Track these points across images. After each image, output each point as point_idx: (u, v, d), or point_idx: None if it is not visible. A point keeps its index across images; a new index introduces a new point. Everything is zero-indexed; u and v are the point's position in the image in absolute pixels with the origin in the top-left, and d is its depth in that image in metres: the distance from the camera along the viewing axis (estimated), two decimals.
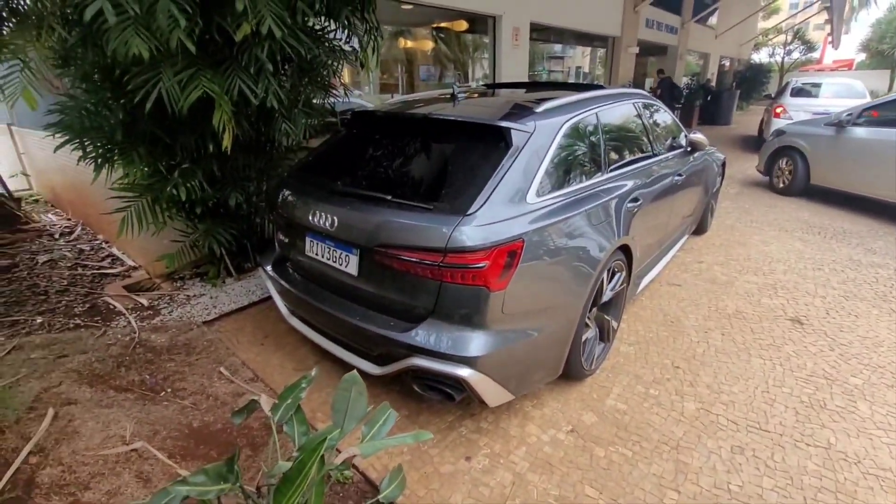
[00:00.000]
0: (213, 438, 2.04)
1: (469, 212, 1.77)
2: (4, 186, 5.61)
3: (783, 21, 22.37)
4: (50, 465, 1.78)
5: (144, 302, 3.31)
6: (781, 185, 6.31)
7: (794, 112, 8.48)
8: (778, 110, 8.96)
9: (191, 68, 2.11)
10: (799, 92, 9.55)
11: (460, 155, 2.02)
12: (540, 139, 2.05)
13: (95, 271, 3.99)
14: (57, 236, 4.99)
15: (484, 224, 1.76)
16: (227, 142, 2.31)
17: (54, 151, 2.54)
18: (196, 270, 3.69)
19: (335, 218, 2.02)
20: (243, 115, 2.55)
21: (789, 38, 21.65)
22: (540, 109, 2.18)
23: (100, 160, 2.52)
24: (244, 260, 3.65)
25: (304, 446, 1.31)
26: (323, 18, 2.90)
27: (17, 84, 2.35)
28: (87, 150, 2.49)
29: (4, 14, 2.55)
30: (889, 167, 4.99)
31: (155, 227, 2.88)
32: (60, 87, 2.77)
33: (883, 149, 5.07)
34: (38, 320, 3.12)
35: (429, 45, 9.69)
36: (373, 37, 3.15)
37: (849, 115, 5.55)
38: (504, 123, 1.99)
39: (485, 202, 1.80)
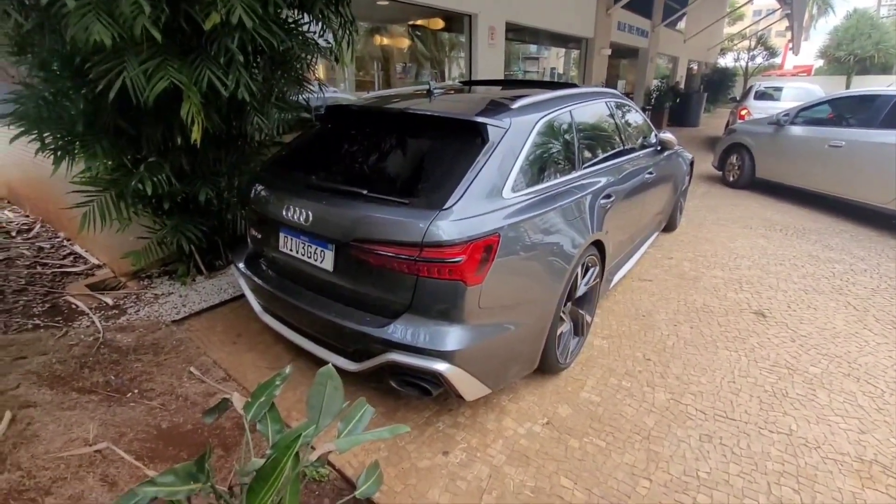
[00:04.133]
0: (183, 440, 1.98)
1: (445, 206, 1.77)
2: None
3: (747, 27, 23.22)
4: (8, 471, 1.69)
5: (109, 301, 3.19)
6: (732, 179, 6.84)
7: (758, 114, 8.82)
8: (742, 112, 9.31)
9: (157, 57, 2.04)
10: (762, 95, 9.96)
11: (437, 150, 2.02)
12: (515, 135, 2.07)
13: (56, 270, 3.82)
14: (14, 234, 4.74)
15: (460, 219, 1.76)
16: (196, 135, 2.24)
17: (10, 143, 2.41)
18: (164, 268, 3.58)
19: (310, 213, 1.99)
20: (213, 107, 2.48)
21: (753, 43, 22.49)
22: (515, 106, 2.20)
23: (59, 153, 2.40)
24: (215, 257, 3.55)
25: (278, 443, 1.29)
26: (296, 11, 2.84)
27: None
28: (46, 141, 2.37)
29: None
30: (818, 161, 5.50)
31: (119, 223, 2.77)
32: (16, 75, 2.63)
33: (813, 145, 5.60)
34: None
35: (405, 42, 9.64)
36: (348, 31, 3.11)
37: (786, 115, 6.11)
38: (480, 119, 1.99)
39: (461, 197, 1.80)
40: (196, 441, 1.98)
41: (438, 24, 9.01)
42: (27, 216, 5.40)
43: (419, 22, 9.01)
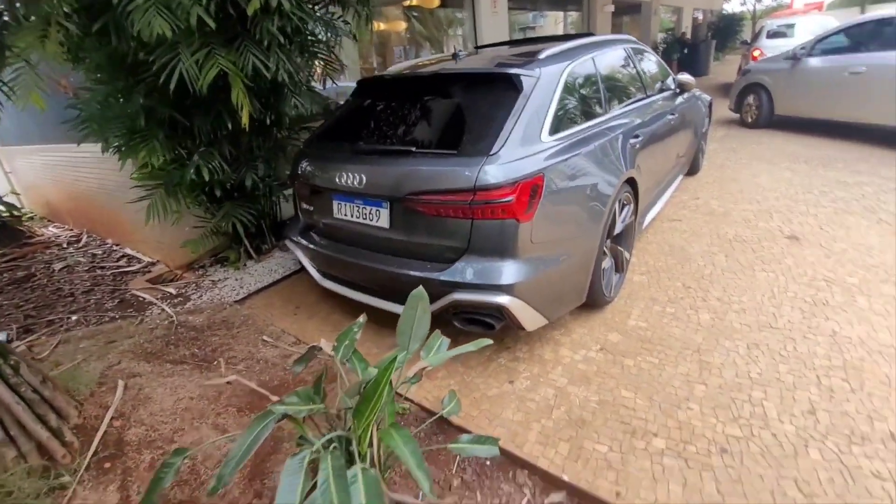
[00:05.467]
0: (274, 393, 2.19)
1: (492, 153, 1.91)
2: (2, 203, 5.63)
3: None
4: (133, 426, 1.92)
5: (172, 291, 3.43)
6: (750, 120, 6.79)
7: (771, 54, 8.62)
8: (756, 53, 9.10)
9: (205, 48, 2.19)
10: (774, 34, 9.72)
11: (475, 104, 2.15)
12: (546, 83, 2.18)
13: (114, 271, 4.09)
14: (65, 245, 5.05)
15: (506, 162, 1.90)
16: (245, 119, 2.40)
17: (78, 145, 2.61)
18: (214, 258, 3.80)
19: (363, 176, 2.14)
20: (254, 93, 2.64)
21: None
22: (542, 56, 2.30)
23: (123, 149, 2.60)
24: (261, 242, 3.76)
25: (379, 365, 1.47)
26: None
27: (24, 86, 2.41)
28: (110, 140, 2.57)
29: (6, 19, 2.59)
30: (840, 90, 5.43)
31: (177, 213, 2.98)
32: (68, 86, 2.83)
33: (833, 75, 5.52)
34: (73, 318, 3.24)
35: (402, 25, 9.64)
36: (364, 8, 3.22)
37: (802, 48, 6.01)
38: (513, 71, 2.11)
39: (504, 143, 1.94)
40: (285, 393, 2.19)
41: (434, 2, 9.01)
42: (71, 229, 5.71)
43: (415, 2, 9.00)
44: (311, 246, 2.56)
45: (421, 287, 1.55)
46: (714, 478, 1.61)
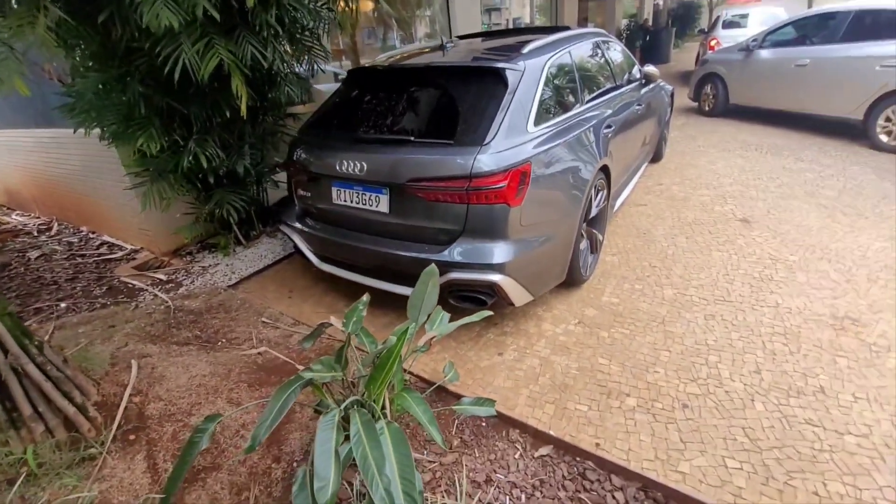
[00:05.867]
0: (280, 370, 2.34)
1: (485, 142, 2.09)
2: None
3: None
4: (152, 402, 2.04)
5: (162, 277, 3.47)
6: (707, 108, 7.22)
7: (727, 43, 9.08)
8: (712, 43, 9.56)
9: (205, 38, 2.25)
10: (729, 24, 10.20)
11: (465, 96, 2.31)
12: (530, 76, 2.37)
13: (96, 259, 4.06)
14: (36, 234, 4.91)
15: (498, 152, 2.09)
16: (244, 107, 2.48)
17: (73, 132, 2.61)
18: (202, 245, 3.84)
19: (364, 164, 2.28)
20: (249, 81, 2.70)
21: None
22: (525, 50, 2.49)
23: (120, 136, 2.62)
24: (250, 228, 3.83)
25: (395, 332, 1.65)
26: None
27: (7, 72, 2.39)
28: (105, 128, 2.58)
29: None
30: (787, 82, 5.90)
31: (170, 198, 3.03)
32: (52, 72, 2.79)
33: (781, 67, 5.98)
34: (63, 305, 3.24)
35: (369, 5, 9.52)
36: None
37: (754, 40, 6.44)
38: (501, 65, 2.29)
39: (496, 134, 2.12)
40: (290, 370, 2.34)
41: None
42: (38, 217, 5.53)
43: None
44: (308, 231, 2.68)
45: (433, 265, 1.73)
46: (677, 429, 1.89)
